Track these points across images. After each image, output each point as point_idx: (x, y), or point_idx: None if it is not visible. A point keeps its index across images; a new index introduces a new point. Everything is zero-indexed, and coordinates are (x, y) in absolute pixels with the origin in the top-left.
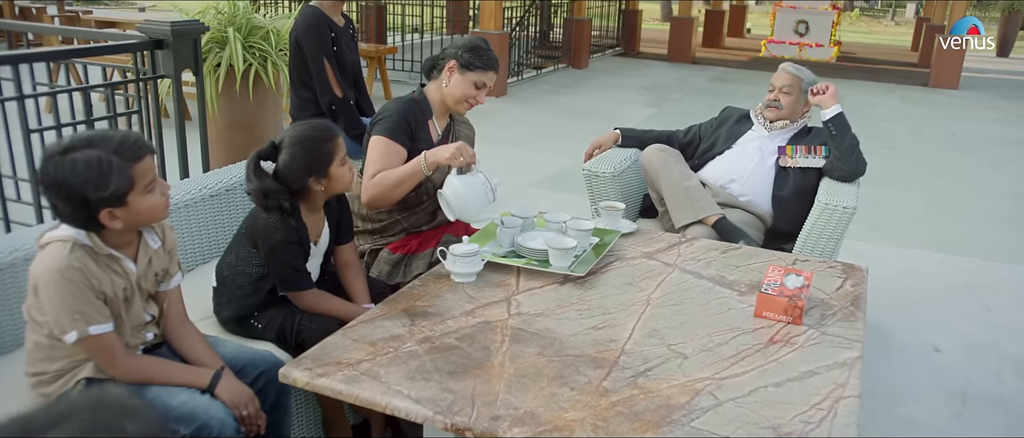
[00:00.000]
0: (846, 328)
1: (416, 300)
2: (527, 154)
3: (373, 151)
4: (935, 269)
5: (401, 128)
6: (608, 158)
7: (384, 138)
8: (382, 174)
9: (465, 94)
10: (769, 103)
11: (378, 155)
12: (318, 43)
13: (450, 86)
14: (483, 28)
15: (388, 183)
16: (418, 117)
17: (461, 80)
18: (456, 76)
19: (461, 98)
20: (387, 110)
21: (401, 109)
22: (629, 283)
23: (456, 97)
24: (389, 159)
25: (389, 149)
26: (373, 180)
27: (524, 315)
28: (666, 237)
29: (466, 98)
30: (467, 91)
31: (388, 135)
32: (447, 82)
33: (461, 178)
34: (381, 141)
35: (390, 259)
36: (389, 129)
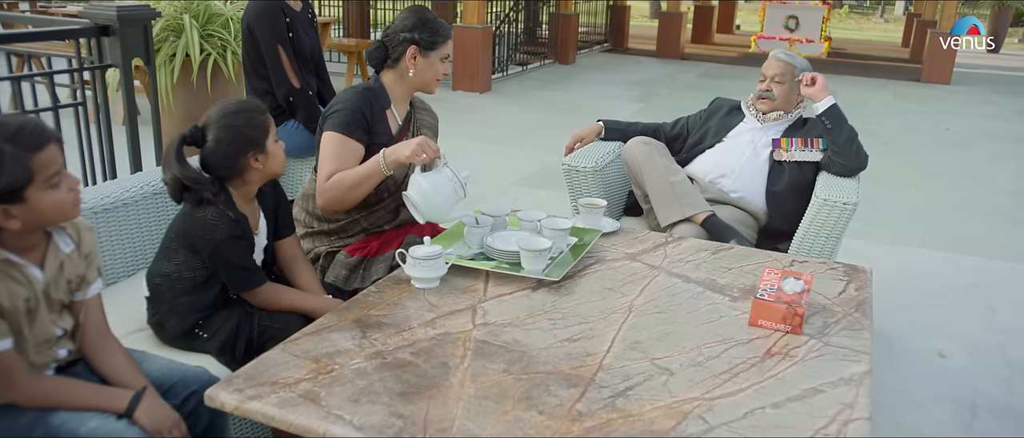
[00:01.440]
0: (851, 338)
1: (370, 309)
2: (509, 151)
3: (326, 149)
4: (936, 269)
5: (356, 122)
6: (589, 152)
7: (338, 134)
8: (338, 176)
9: (434, 74)
10: (761, 94)
11: (332, 153)
12: (271, 29)
13: (417, 72)
14: (466, 22)
15: (345, 185)
16: (374, 108)
17: (427, 63)
18: (421, 61)
19: (431, 79)
20: (339, 102)
21: (355, 100)
22: (609, 288)
23: (426, 80)
24: (344, 157)
25: (344, 146)
26: (328, 182)
27: (490, 325)
28: (651, 237)
29: (437, 76)
30: (436, 69)
31: (342, 130)
32: (413, 70)
33: (426, 176)
34: (334, 138)
35: (348, 262)
36: (342, 124)
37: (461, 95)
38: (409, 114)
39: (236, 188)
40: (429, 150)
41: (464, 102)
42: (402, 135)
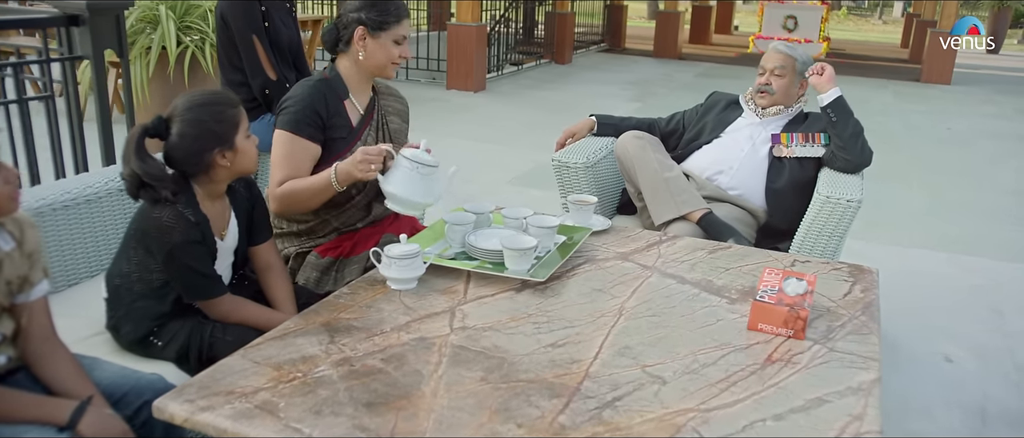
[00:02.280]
0: (858, 343)
1: (340, 312)
2: (503, 150)
3: (276, 150)
4: (941, 269)
5: (307, 119)
6: (581, 147)
7: (287, 134)
8: (291, 185)
9: (388, 57)
10: (760, 88)
11: (282, 155)
12: (246, 19)
13: (367, 55)
14: (460, 20)
15: (298, 197)
16: (330, 101)
17: (377, 45)
18: (370, 43)
19: (385, 63)
20: (290, 98)
21: (306, 95)
22: (599, 289)
23: (380, 64)
24: (295, 159)
25: (294, 147)
26: (280, 190)
27: (469, 329)
28: (644, 235)
29: (391, 60)
30: (389, 53)
31: (291, 129)
32: (363, 53)
33: (387, 178)
34: (284, 138)
35: (319, 264)
36: (292, 122)
37: (455, 94)
38: (372, 101)
39: (202, 186)
40: (371, 158)
41: (458, 101)
42: (365, 125)
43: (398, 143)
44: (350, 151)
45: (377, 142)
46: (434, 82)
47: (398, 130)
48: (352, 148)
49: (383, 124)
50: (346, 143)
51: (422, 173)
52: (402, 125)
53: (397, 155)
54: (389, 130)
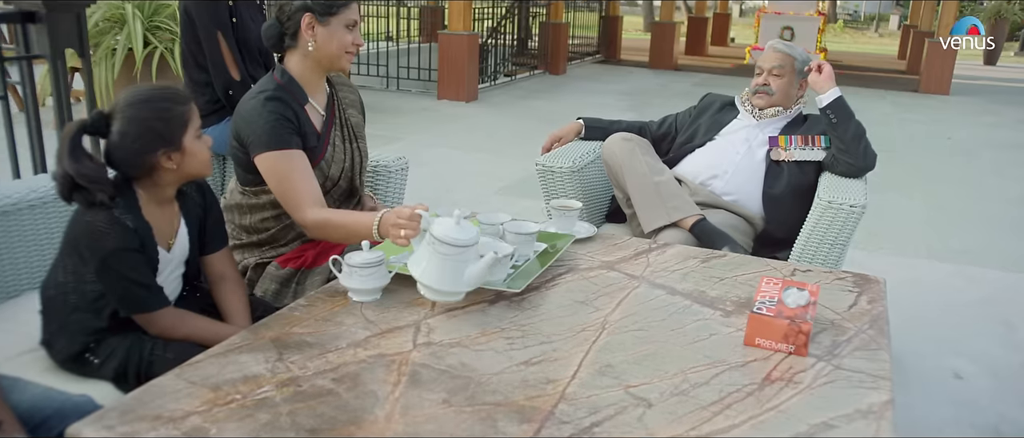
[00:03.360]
0: (867, 360)
1: (293, 326)
2: (493, 159)
3: (273, 174)
4: (946, 281)
5: (285, 129)
6: (567, 151)
7: (275, 153)
8: (328, 215)
9: (342, 44)
10: (758, 88)
11: (284, 175)
12: (211, 14)
13: (319, 45)
14: (452, 29)
15: (334, 231)
16: (294, 109)
17: (328, 32)
18: (320, 30)
19: (339, 51)
20: (251, 124)
21: (270, 109)
22: (581, 301)
23: (334, 53)
24: (298, 172)
25: (291, 161)
26: (318, 218)
27: (434, 345)
28: (632, 243)
29: (345, 47)
30: (342, 39)
31: (277, 146)
32: (313, 43)
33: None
34: (274, 159)
35: (279, 275)
36: (273, 139)
37: (446, 104)
38: (330, 98)
39: (145, 190)
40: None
41: (448, 111)
42: (330, 127)
43: (360, 138)
44: (323, 159)
45: (344, 143)
46: (425, 92)
47: (358, 124)
48: (325, 155)
49: (345, 121)
50: (317, 152)
51: (448, 255)
52: (359, 118)
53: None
54: (351, 125)
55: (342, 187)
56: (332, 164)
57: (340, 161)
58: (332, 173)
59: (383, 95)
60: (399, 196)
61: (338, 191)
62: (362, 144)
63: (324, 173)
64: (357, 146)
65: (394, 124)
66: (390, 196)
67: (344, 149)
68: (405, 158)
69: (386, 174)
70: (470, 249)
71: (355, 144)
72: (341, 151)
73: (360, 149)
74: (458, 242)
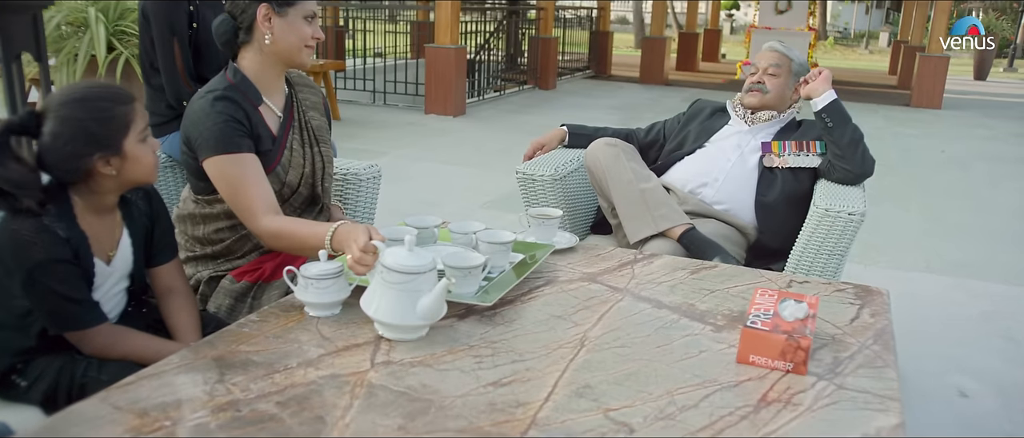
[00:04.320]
0: (873, 378)
1: (240, 343)
2: (480, 173)
3: (224, 179)
4: (947, 295)
5: (235, 131)
6: (549, 159)
7: (224, 157)
8: (283, 224)
9: (301, 37)
10: (752, 87)
11: (236, 181)
12: (167, 18)
13: (277, 38)
14: (439, 42)
15: (288, 245)
16: (246, 110)
17: (286, 24)
18: (277, 22)
19: (298, 44)
20: (201, 120)
21: (220, 109)
22: (558, 316)
23: (293, 46)
24: (251, 177)
25: (242, 166)
26: (273, 227)
27: (394, 365)
28: (617, 254)
29: (305, 41)
30: (301, 32)
31: (226, 150)
32: (270, 36)
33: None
34: (224, 163)
35: (233, 289)
36: (222, 142)
37: (433, 118)
38: (289, 98)
39: (82, 197)
40: (368, 260)
41: (436, 126)
42: (287, 129)
43: (323, 142)
44: (280, 163)
45: (304, 147)
46: (412, 107)
47: (321, 127)
48: (281, 160)
49: (305, 123)
50: (273, 156)
51: (399, 284)
52: (322, 120)
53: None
54: (312, 128)
55: (303, 194)
56: (290, 169)
57: (299, 166)
58: (290, 179)
59: (369, 110)
60: (371, 207)
61: (298, 199)
62: (325, 149)
63: (280, 179)
64: (319, 150)
65: (379, 138)
66: (361, 207)
67: (304, 153)
68: (377, 166)
69: (356, 183)
70: (423, 277)
71: (317, 148)
72: (300, 155)
73: (322, 154)
74: (408, 269)
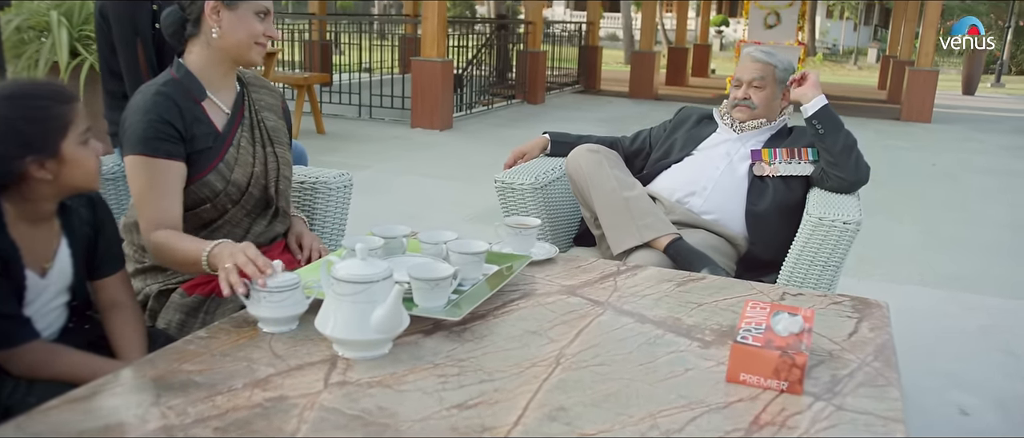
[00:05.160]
0: (875, 398)
1: (184, 361)
2: (465, 187)
3: (134, 182)
4: (943, 308)
5: (159, 134)
6: (530, 168)
7: (140, 158)
8: (165, 237)
9: (251, 33)
10: (738, 103)
11: (142, 187)
12: (130, 19)
13: (225, 32)
14: (425, 55)
15: (170, 258)
16: (183, 106)
17: (236, 18)
18: (227, 16)
19: (247, 40)
20: (130, 115)
21: (149, 105)
22: (533, 332)
23: (241, 42)
24: (159, 188)
25: (153, 173)
26: (156, 239)
27: (350, 385)
28: (599, 265)
29: (255, 37)
30: (251, 28)
31: (143, 151)
32: (218, 30)
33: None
34: (137, 164)
35: (184, 304)
36: (140, 141)
37: (419, 132)
38: (240, 97)
39: (14, 204)
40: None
41: (421, 139)
42: (235, 127)
43: (278, 143)
44: (223, 160)
45: (254, 146)
46: (399, 121)
47: (276, 128)
48: (224, 157)
49: (258, 122)
50: (215, 153)
51: (351, 295)
52: (279, 122)
53: None
54: (266, 128)
55: (254, 196)
56: (235, 167)
57: (248, 165)
58: (236, 177)
59: (354, 124)
60: (341, 217)
61: (250, 201)
62: (280, 150)
63: (225, 177)
64: (273, 151)
65: (362, 152)
66: (330, 217)
67: (254, 152)
68: (348, 174)
69: (326, 192)
70: (377, 286)
71: (270, 149)
72: (249, 154)
73: (277, 155)
74: (360, 279)
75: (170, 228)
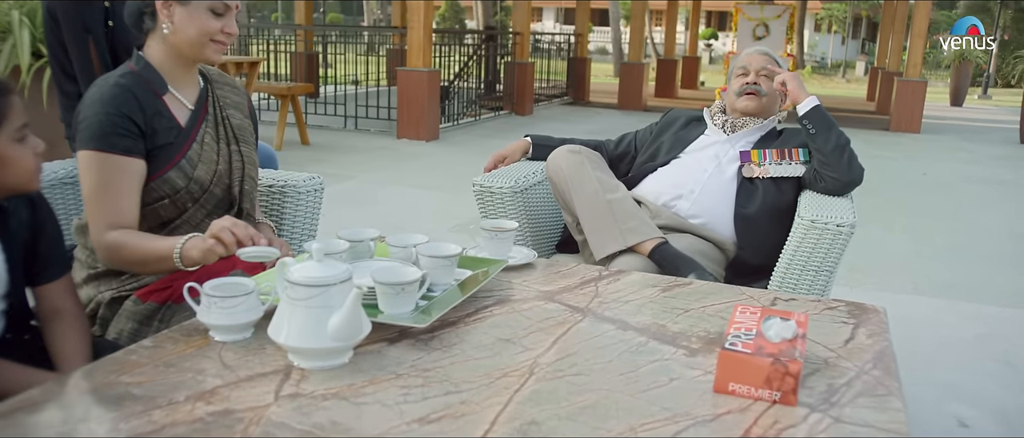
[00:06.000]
0: (875, 409)
1: (124, 373)
2: (450, 197)
3: (86, 179)
4: (938, 317)
5: (116, 127)
6: (510, 171)
7: (94, 154)
8: (121, 237)
9: (204, 30)
10: (746, 89)
11: (95, 185)
12: (78, 16)
13: (177, 28)
14: (411, 65)
15: (129, 255)
16: (143, 99)
17: (188, 14)
18: (178, 11)
19: (200, 38)
20: (85, 108)
21: (108, 97)
22: (507, 339)
23: (193, 40)
24: (114, 186)
25: (108, 170)
26: (109, 239)
27: (303, 397)
28: (580, 270)
29: (210, 35)
30: (205, 24)
31: (99, 146)
32: (169, 26)
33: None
34: (92, 160)
35: (137, 312)
36: (97, 136)
37: (405, 143)
38: (204, 93)
39: None
40: (225, 240)
41: (407, 150)
42: (199, 122)
43: (243, 142)
44: (186, 156)
45: (218, 143)
46: (385, 132)
47: (242, 126)
48: (187, 152)
49: (222, 119)
50: (177, 148)
51: (306, 299)
52: (245, 121)
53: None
54: (231, 126)
55: (216, 195)
56: (198, 164)
57: (211, 162)
58: (199, 175)
59: (339, 135)
60: (312, 223)
61: (211, 199)
62: (246, 149)
63: (187, 174)
64: (239, 149)
65: (347, 162)
66: (299, 223)
67: (218, 149)
68: (319, 178)
69: (295, 195)
70: (333, 290)
71: (235, 147)
72: (212, 151)
73: (243, 154)
74: (315, 281)
75: (125, 228)
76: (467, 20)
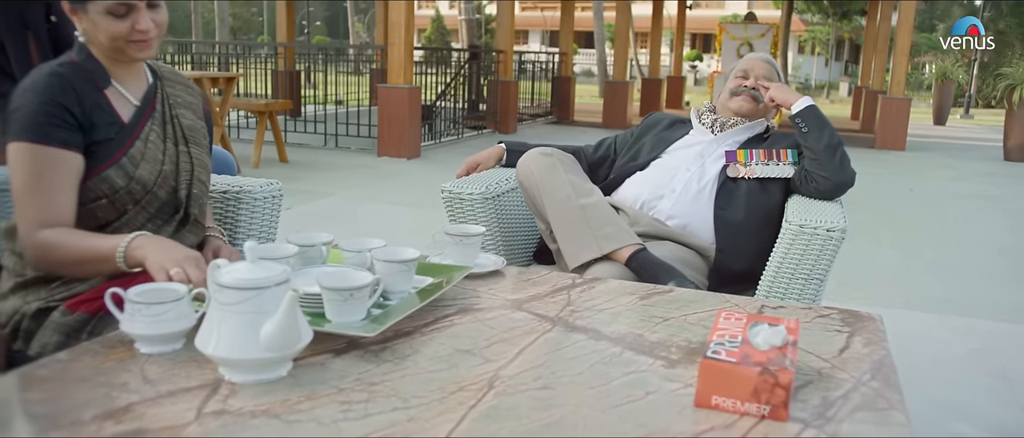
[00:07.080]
0: (876, 424)
1: (28, 389)
2: (430, 214)
3: (17, 173)
4: (933, 333)
5: (52, 118)
6: (481, 177)
7: (27, 145)
8: (53, 236)
9: (110, 35)
10: (740, 89)
11: (27, 178)
12: (15, 12)
13: (87, 34)
14: (392, 82)
15: (62, 254)
16: (82, 90)
17: (90, 21)
18: (82, 17)
19: (112, 42)
20: (19, 95)
21: (42, 86)
22: (466, 350)
23: (104, 43)
24: (46, 180)
25: (41, 163)
26: (39, 239)
27: (228, 415)
28: (552, 278)
29: (121, 38)
30: (110, 28)
31: (32, 137)
32: (79, 31)
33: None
34: (24, 152)
35: (64, 324)
36: (31, 126)
37: (386, 161)
38: (153, 89)
39: None
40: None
41: (388, 168)
42: (144, 119)
43: (194, 143)
44: (127, 153)
45: (165, 142)
46: (366, 150)
47: (193, 127)
48: (129, 150)
49: (171, 118)
50: (119, 145)
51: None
52: (197, 121)
53: None
54: (181, 126)
55: (160, 197)
56: (141, 163)
57: (156, 161)
58: (141, 174)
59: (319, 152)
60: (269, 232)
61: (154, 202)
62: (196, 151)
63: (128, 173)
64: (187, 150)
65: (326, 179)
66: (255, 231)
67: (164, 149)
68: (278, 184)
69: (251, 202)
70: (268, 293)
71: (183, 147)
72: (158, 150)
73: (192, 156)
74: (247, 284)
75: (59, 226)
76: (453, 41)
